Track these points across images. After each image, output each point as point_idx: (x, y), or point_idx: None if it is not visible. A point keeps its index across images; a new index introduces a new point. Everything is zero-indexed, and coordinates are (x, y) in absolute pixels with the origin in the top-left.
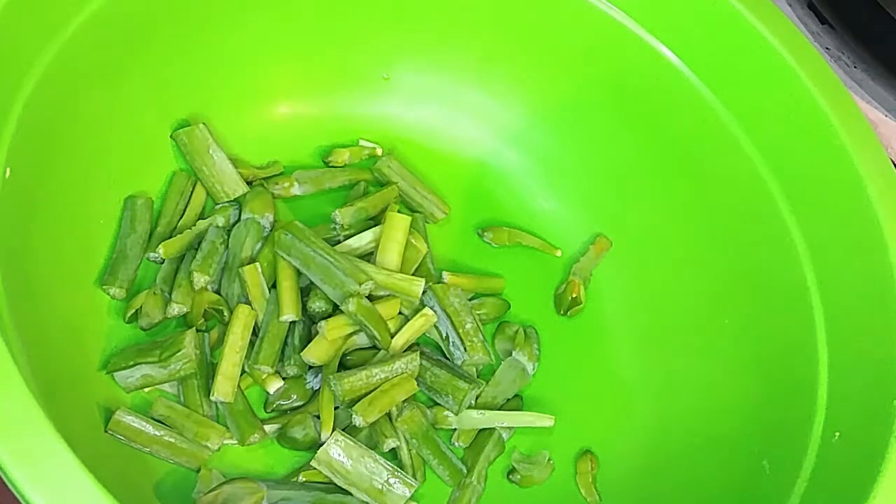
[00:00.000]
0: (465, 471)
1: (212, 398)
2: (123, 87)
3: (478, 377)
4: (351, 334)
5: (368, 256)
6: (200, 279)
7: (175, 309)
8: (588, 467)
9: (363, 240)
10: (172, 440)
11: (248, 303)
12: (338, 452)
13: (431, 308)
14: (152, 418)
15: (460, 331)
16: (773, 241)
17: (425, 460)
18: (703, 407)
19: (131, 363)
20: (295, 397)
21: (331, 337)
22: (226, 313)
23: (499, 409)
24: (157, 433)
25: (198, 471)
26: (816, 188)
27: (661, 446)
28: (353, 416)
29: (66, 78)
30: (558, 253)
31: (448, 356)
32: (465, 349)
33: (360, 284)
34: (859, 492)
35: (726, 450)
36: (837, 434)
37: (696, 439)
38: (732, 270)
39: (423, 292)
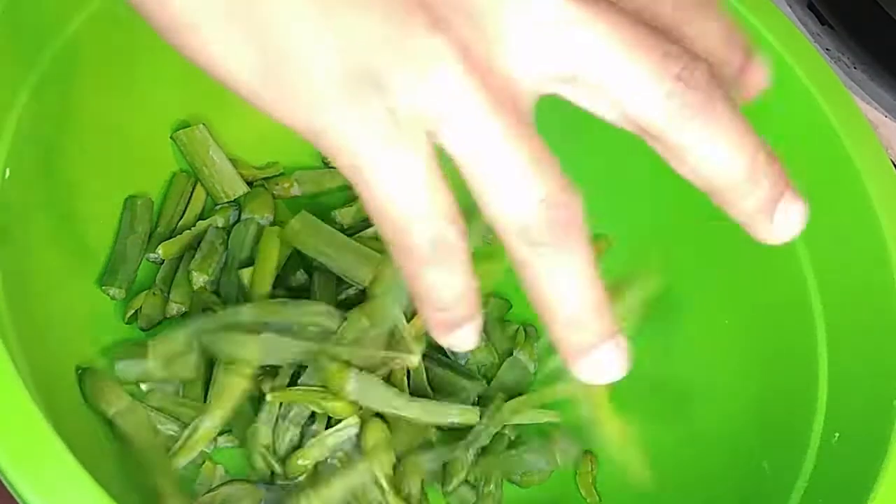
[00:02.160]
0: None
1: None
2: (123, 87)
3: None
4: None
5: None
6: (199, 278)
7: (174, 308)
8: (588, 468)
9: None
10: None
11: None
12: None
13: None
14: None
15: None
16: None
17: None
18: (703, 407)
19: (135, 355)
20: None
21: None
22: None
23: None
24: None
25: (202, 464)
26: (816, 188)
27: (659, 447)
28: None
29: (65, 78)
30: None
31: (451, 356)
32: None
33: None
34: (859, 492)
35: (726, 450)
36: (837, 435)
37: (695, 440)
38: (731, 270)
39: None
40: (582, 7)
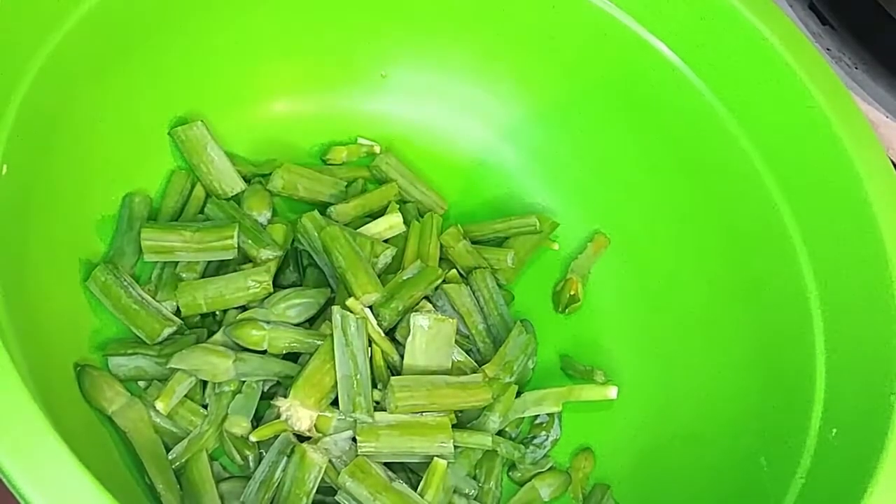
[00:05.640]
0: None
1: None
2: (120, 83)
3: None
4: None
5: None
6: (190, 276)
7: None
8: (581, 464)
9: (379, 226)
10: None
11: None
12: None
13: (443, 310)
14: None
15: (473, 331)
16: (771, 239)
17: None
18: (701, 404)
19: (129, 351)
20: None
21: None
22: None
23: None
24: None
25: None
26: (815, 188)
27: (658, 443)
28: None
29: (63, 75)
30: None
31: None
32: (478, 350)
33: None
34: (856, 488)
35: (724, 446)
36: (834, 430)
37: (693, 437)
38: (731, 268)
39: (436, 288)
40: None
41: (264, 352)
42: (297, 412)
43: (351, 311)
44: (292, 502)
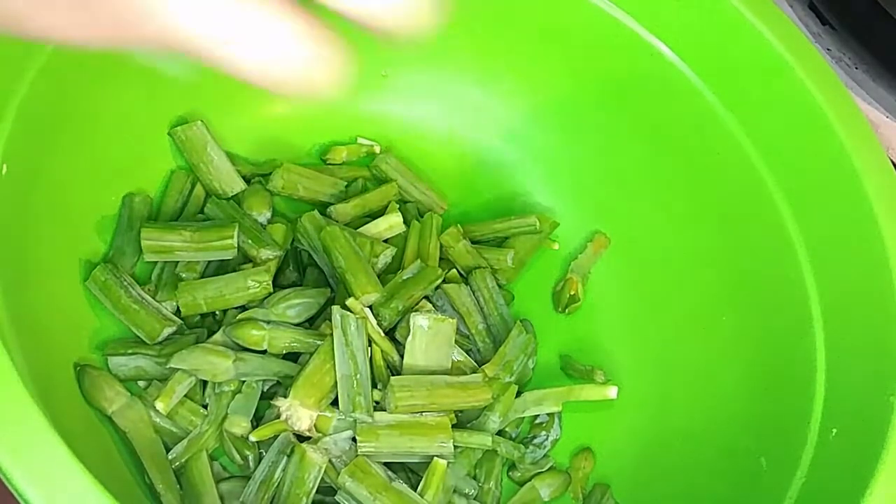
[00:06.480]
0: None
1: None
2: (120, 83)
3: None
4: None
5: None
6: (190, 276)
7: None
8: (581, 464)
9: (379, 226)
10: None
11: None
12: None
13: (443, 310)
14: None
15: (473, 331)
16: (771, 239)
17: None
18: (701, 404)
19: (130, 351)
20: None
21: None
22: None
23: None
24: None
25: None
26: (815, 188)
27: (658, 443)
28: None
29: (62, 74)
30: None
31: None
32: (478, 350)
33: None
34: (856, 488)
35: (723, 446)
36: (834, 430)
37: (693, 436)
38: (731, 268)
39: (436, 288)
40: None
41: (264, 352)
42: (297, 412)
43: (351, 311)
44: (292, 502)
